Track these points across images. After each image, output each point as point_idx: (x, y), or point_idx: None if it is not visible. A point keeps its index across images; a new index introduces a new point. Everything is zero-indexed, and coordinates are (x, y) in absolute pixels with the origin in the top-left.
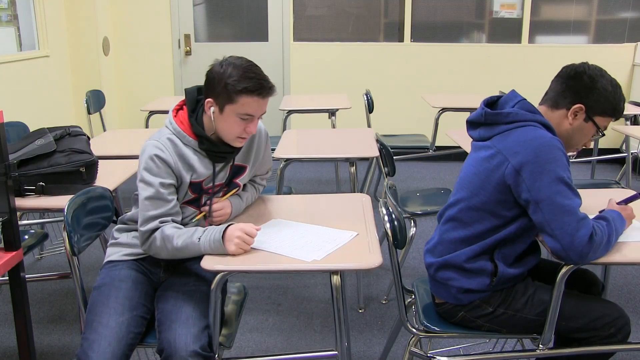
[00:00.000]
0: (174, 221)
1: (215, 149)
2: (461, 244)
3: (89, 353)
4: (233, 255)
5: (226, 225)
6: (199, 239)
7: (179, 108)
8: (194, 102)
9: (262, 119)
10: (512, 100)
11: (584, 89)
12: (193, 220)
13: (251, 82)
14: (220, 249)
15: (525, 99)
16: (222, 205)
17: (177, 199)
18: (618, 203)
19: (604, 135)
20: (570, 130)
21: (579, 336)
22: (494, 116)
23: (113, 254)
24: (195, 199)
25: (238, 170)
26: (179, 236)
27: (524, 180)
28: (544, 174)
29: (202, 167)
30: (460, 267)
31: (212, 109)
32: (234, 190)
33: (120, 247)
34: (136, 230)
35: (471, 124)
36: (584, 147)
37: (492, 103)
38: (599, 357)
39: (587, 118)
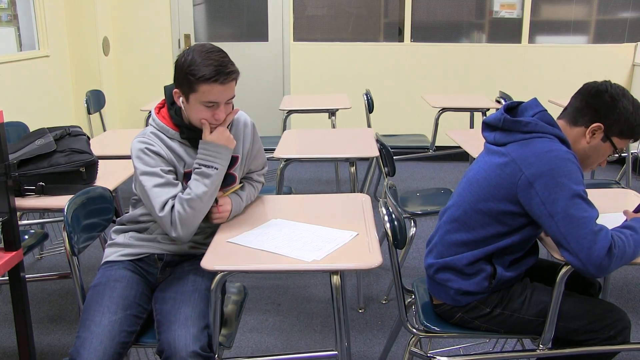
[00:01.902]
0: None
1: (197, 136)
2: (463, 246)
3: (81, 351)
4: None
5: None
6: (215, 167)
7: (161, 106)
8: (172, 95)
9: (231, 103)
10: (533, 109)
11: (604, 108)
12: None
13: (207, 70)
14: (229, 152)
15: (546, 110)
16: (222, 202)
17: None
18: (634, 211)
19: (620, 155)
20: (587, 149)
21: (578, 338)
22: (512, 123)
23: (110, 254)
24: None
25: (231, 161)
26: (196, 186)
27: (537, 193)
28: (558, 187)
29: (189, 157)
30: (459, 270)
31: (180, 99)
32: (237, 187)
33: (117, 247)
34: (133, 231)
35: (488, 126)
36: (599, 166)
37: (511, 108)
38: (599, 357)
39: (604, 138)
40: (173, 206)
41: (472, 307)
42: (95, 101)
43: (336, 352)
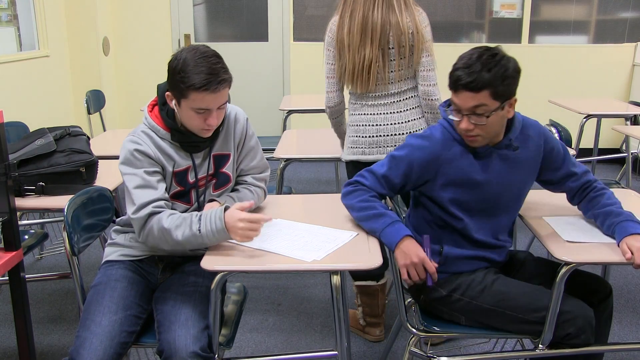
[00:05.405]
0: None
1: (188, 139)
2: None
3: (81, 351)
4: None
5: (222, 211)
6: (199, 230)
7: (155, 103)
8: (164, 95)
9: (224, 107)
10: None
11: None
12: None
13: (198, 78)
14: (226, 238)
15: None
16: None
17: (165, 189)
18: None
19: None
20: None
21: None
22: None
23: (111, 253)
24: (182, 192)
25: (222, 159)
26: (176, 227)
27: None
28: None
29: (179, 157)
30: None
31: (173, 101)
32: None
33: (118, 247)
34: (134, 232)
35: None
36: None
37: None
38: (597, 357)
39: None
40: (149, 214)
41: (430, 289)
42: (95, 101)
43: (336, 352)
